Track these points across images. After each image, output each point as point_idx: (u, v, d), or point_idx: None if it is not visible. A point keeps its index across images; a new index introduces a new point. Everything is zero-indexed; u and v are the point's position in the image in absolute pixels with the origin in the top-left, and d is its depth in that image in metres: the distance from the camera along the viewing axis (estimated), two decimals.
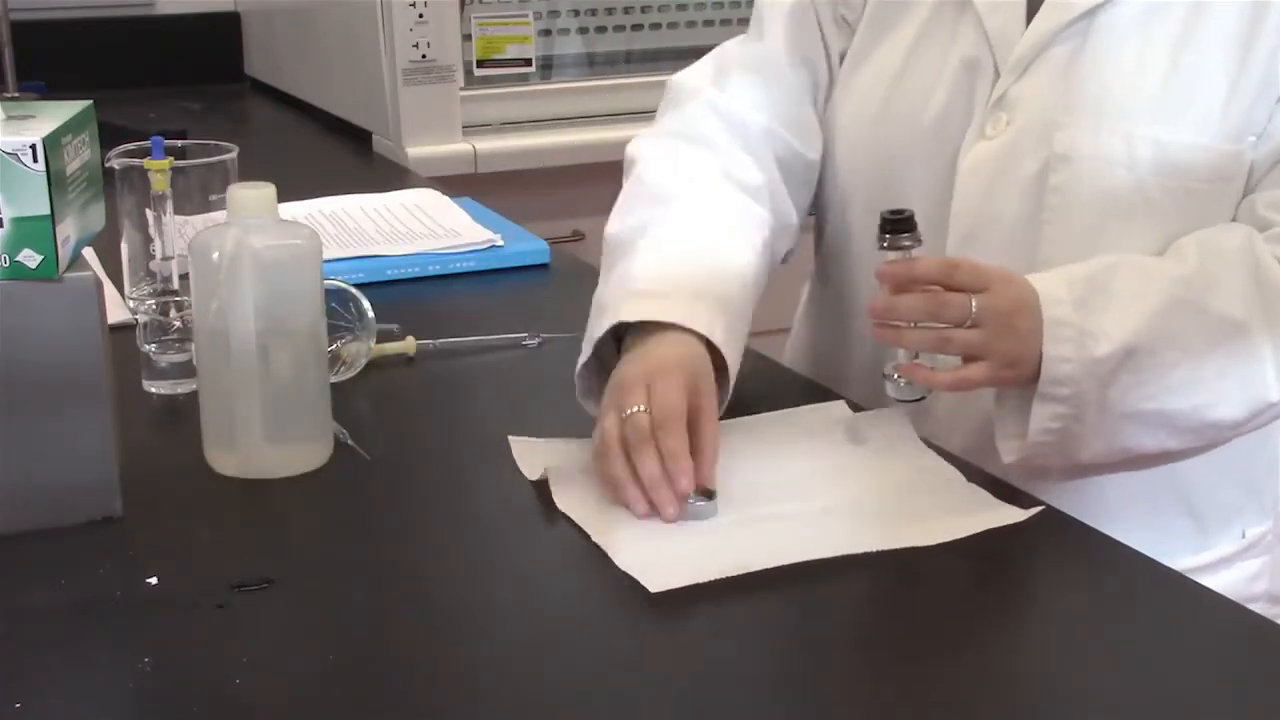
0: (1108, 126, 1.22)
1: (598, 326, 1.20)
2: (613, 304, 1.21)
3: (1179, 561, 1.14)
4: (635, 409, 1.11)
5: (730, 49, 1.44)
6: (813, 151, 1.40)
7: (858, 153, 1.37)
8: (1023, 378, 1.16)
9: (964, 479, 1.15)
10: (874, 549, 1.04)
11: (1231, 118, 1.21)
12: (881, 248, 1.16)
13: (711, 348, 1.18)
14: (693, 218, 1.29)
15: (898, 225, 1.16)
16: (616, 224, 1.32)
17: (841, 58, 1.39)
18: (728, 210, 1.32)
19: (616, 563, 1.02)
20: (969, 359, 1.15)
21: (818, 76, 1.41)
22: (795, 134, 1.39)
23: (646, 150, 1.38)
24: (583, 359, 1.20)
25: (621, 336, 1.21)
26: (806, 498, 1.12)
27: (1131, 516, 1.25)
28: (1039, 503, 1.10)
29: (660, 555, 1.02)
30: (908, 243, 1.16)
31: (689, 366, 1.15)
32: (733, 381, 1.19)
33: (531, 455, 1.18)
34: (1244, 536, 1.37)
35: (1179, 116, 1.21)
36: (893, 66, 1.34)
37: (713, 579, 1.00)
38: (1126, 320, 1.16)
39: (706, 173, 1.34)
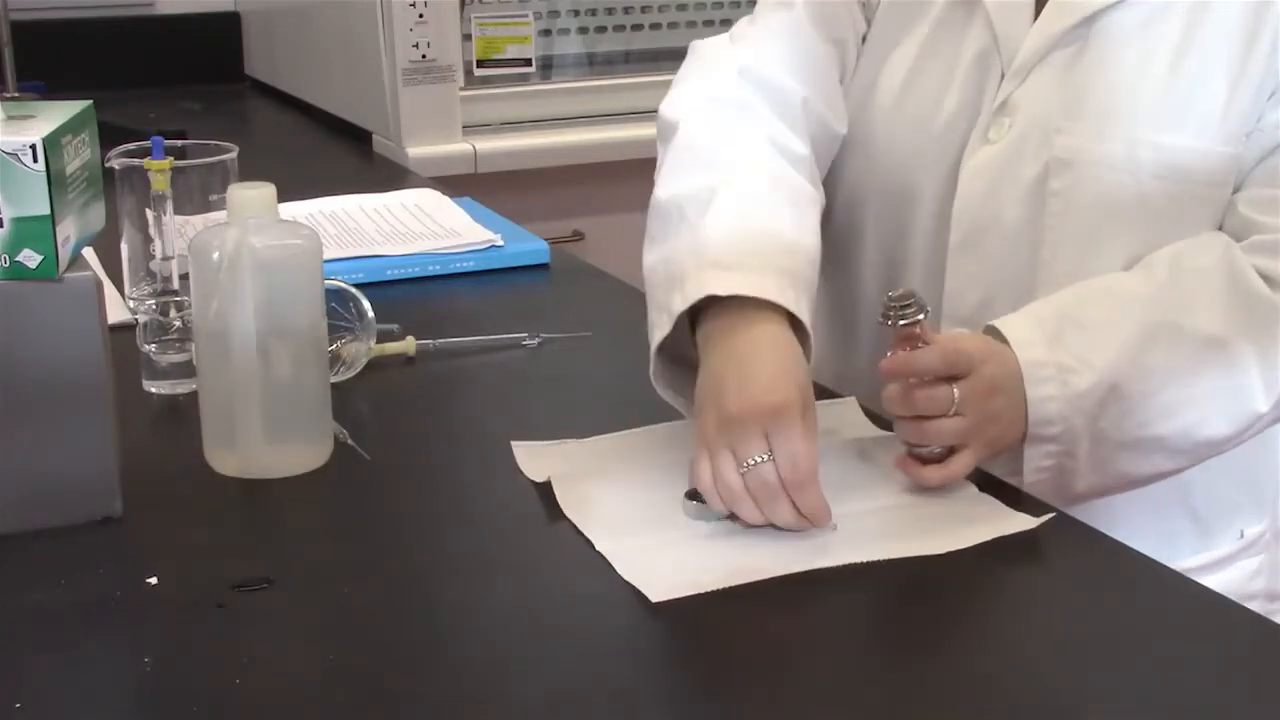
0: (1109, 131, 1.22)
1: (677, 299, 1.13)
2: (694, 274, 1.13)
3: (1180, 563, 1.14)
4: (757, 459, 1.04)
5: (758, 14, 1.37)
6: (841, 126, 1.35)
7: (870, 152, 1.35)
8: (1005, 452, 1.16)
9: (975, 488, 1.13)
10: (881, 558, 1.03)
11: (1232, 120, 1.21)
12: (887, 326, 1.11)
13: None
14: (756, 187, 1.22)
15: (904, 307, 1.10)
16: (669, 188, 1.23)
17: (861, 41, 1.36)
18: (785, 182, 1.24)
19: (619, 571, 1.02)
20: (953, 448, 1.13)
21: (846, 57, 1.36)
22: (828, 106, 1.34)
23: (686, 113, 1.30)
24: (659, 334, 1.14)
25: (694, 309, 1.14)
26: None
27: (1135, 519, 1.25)
28: (1049, 509, 1.10)
29: (663, 565, 1.02)
30: (915, 319, 1.10)
31: (796, 381, 1.07)
32: (810, 361, 1.12)
33: (535, 459, 1.18)
34: (1242, 536, 1.37)
35: (1180, 121, 1.21)
36: (904, 68, 1.32)
37: (716, 589, 0.99)
38: (1105, 349, 1.16)
39: (756, 140, 1.26)
